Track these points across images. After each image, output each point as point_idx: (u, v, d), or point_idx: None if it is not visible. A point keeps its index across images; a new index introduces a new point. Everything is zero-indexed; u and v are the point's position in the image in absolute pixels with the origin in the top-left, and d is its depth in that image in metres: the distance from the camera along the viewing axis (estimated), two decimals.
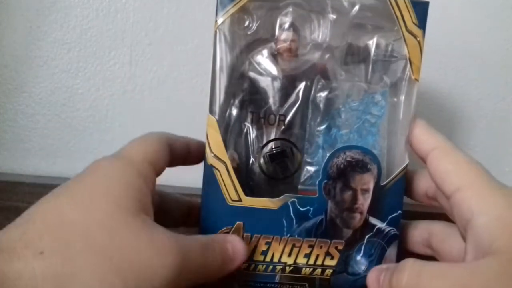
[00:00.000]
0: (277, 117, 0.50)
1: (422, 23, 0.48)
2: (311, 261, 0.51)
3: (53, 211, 0.38)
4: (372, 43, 0.50)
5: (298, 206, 0.49)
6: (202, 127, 0.49)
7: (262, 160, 0.50)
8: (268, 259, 0.50)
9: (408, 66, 0.49)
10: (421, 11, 0.48)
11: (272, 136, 0.50)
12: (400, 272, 0.41)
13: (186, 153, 0.51)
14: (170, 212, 0.52)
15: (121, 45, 0.77)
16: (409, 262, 0.42)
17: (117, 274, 0.36)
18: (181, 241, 0.41)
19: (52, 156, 0.80)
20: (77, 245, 0.36)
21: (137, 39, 0.77)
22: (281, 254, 0.50)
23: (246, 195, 0.49)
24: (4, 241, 0.35)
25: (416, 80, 0.49)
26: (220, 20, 0.48)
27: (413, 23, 0.48)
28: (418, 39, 0.48)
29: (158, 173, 0.48)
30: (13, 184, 0.74)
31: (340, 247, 0.50)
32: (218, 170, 0.49)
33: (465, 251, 0.41)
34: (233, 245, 0.47)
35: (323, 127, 0.50)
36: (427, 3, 0.48)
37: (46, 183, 0.74)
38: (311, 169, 0.51)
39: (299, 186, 0.51)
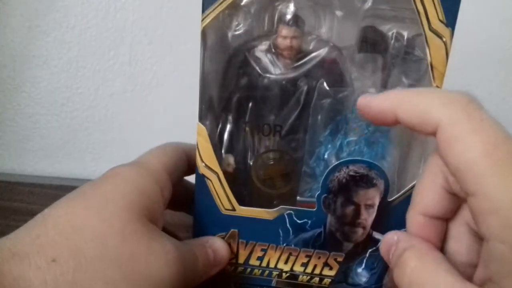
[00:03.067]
0: (275, 124, 0.45)
1: (451, 20, 0.39)
2: (309, 270, 0.47)
3: (66, 216, 0.36)
4: (392, 35, 0.42)
5: (295, 218, 0.45)
6: None
7: (258, 171, 0.46)
8: (264, 264, 0.47)
9: (430, 71, 0.41)
10: (451, 6, 0.38)
11: (270, 143, 0.46)
12: (402, 269, 0.36)
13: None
14: (177, 198, 0.50)
15: (120, 44, 0.75)
16: (412, 261, 0.36)
17: (127, 283, 0.35)
18: (181, 250, 0.40)
19: (52, 156, 0.79)
20: (89, 252, 0.35)
21: (136, 39, 0.75)
22: (277, 261, 0.47)
23: (244, 204, 0.45)
24: (16, 245, 0.33)
25: (438, 88, 0.41)
26: (207, 19, 0.41)
27: (439, 20, 0.39)
28: (444, 40, 0.39)
29: (175, 182, 0.46)
30: (12, 184, 0.73)
31: (340, 259, 0.46)
32: (210, 180, 0.44)
33: (479, 262, 0.36)
34: (214, 250, 0.45)
35: (325, 135, 0.45)
36: None
37: (46, 183, 0.74)
38: (310, 180, 0.46)
39: (298, 198, 0.46)
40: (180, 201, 0.48)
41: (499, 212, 0.31)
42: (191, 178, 0.48)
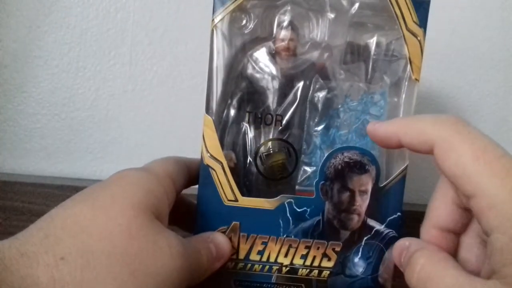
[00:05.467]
0: (275, 117, 0.49)
1: (423, 22, 0.47)
2: (308, 262, 0.49)
3: (74, 217, 0.38)
4: (372, 42, 0.48)
5: (295, 207, 0.48)
6: (201, 127, 0.48)
7: (259, 161, 0.49)
8: (264, 259, 0.49)
9: (409, 66, 0.47)
10: (422, 10, 0.46)
11: (270, 136, 0.49)
12: (412, 267, 0.40)
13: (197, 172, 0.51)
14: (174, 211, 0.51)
15: (121, 45, 0.76)
16: (422, 259, 0.40)
17: (134, 278, 0.36)
18: (185, 245, 0.42)
19: (52, 156, 0.80)
20: (97, 250, 0.36)
21: (137, 39, 0.76)
22: (278, 254, 0.49)
23: (243, 195, 0.48)
24: (25, 245, 0.34)
25: (417, 80, 0.47)
26: (217, 19, 0.47)
27: (414, 22, 0.46)
28: (419, 38, 0.47)
29: (178, 191, 0.48)
30: (13, 184, 0.74)
31: (338, 249, 0.49)
32: (215, 170, 0.48)
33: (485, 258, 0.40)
34: (216, 244, 0.47)
35: (321, 127, 0.49)
36: (428, 2, 0.46)
37: (46, 183, 0.74)
38: (309, 169, 0.49)
39: (297, 187, 0.49)
40: (177, 215, 0.49)
41: (497, 207, 0.36)
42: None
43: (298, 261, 0.49)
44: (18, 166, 0.80)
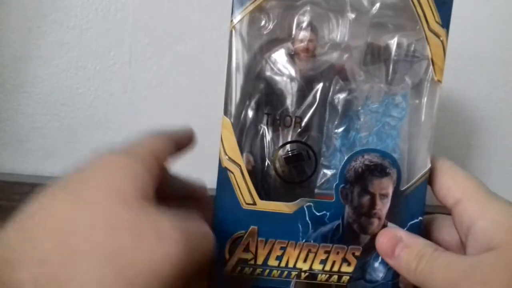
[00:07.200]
0: (294, 119, 0.47)
1: (445, 22, 0.45)
2: (327, 268, 0.47)
3: (53, 214, 0.36)
4: (393, 42, 0.47)
5: (314, 211, 0.46)
6: (202, 127, 0.47)
7: (277, 163, 0.47)
8: (283, 264, 0.47)
9: (431, 67, 0.46)
10: (444, 10, 0.45)
11: (289, 139, 0.47)
12: (421, 259, 0.43)
13: (184, 141, 0.48)
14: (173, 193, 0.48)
15: (120, 45, 0.75)
16: (429, 249, 0.43)
17: (113, 270, 0.34)
18: (184, 226, 0.38)
19: (52, 156, 0.78)
20: (76, 247, 0.34)
21: (136, 39, 0.75)
22: (296, 259, 0.47)
23: (261, 198, 0.46)
24: (8, 249, 0.33)
25: (439, 81, 0.46)
26: (236, 19, 0.45)
27: (436, 22, 0.45)
28: (441, 39, 0.46)
29: (162, 168, 0.43)
30: (12, 184, 0.72)
31: (357, 253, 0.47)
32: (233, 173, 0.46)
33: (466, 252, 0.44)
34: None
35: (341, 129, 0.47)
36: (451, 1, 0.45)
37: (46, 183, 0.71)
38: (328, 172, 0.47)
39: (316, 190, 0.48)
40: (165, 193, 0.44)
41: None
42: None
43: (317, 266, 0.47)
44: (17, 166, 0.78)
